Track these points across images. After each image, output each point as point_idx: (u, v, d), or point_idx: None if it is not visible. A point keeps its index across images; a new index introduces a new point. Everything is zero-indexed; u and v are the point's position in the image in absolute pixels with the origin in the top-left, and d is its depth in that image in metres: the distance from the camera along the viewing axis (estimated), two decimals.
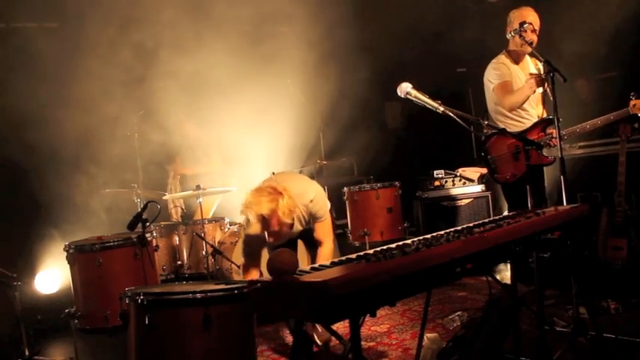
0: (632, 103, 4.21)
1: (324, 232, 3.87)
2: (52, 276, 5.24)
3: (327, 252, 3.87)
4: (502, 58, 4.77)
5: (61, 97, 5.33)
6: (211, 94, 5.83)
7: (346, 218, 6.18)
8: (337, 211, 6.96)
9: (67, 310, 3.69)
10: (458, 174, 6.42)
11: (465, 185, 6.33)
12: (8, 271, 4.19)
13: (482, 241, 2.31)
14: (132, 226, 3.62)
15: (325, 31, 6.54)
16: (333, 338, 3.79)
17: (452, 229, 2.57)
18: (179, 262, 5.36)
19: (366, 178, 7.24)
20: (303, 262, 4.33)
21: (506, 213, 4.25)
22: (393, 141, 7.87)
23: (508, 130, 4.28)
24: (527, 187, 3.26)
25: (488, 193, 6.22)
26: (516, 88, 4.61)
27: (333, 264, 2.10)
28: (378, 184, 6.01)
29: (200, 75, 5.67)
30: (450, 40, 6.74)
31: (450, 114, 2.63)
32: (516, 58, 4.76)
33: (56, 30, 5.84)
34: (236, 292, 2.44)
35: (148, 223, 3.56)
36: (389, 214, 5.83)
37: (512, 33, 4.44)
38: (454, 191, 6.31)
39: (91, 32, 5.47)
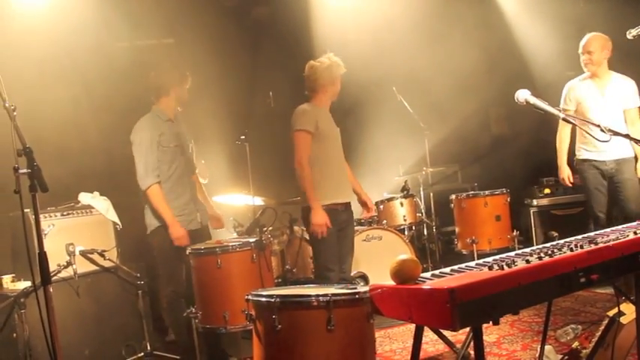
0: None
1: None
2: None
3: None
4: None
5: None
6: None
7: (454, 225, 6.10)
8: (443, 217, 6.91)
9: (189, 310, 3.88)
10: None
11: (578, 193, 6.07)
12: (132, 271, 4.52)
13: (607, 251, 2.24)
14: (250, 230, 3.79)
15: (430, 39, 6.56)
16: None
17: (572, 238, 2.52)
18: (287, 267, 5.51)
19: (470, 186, 7.13)
20: None
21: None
22: (497, 147, 7.70)
23: None
24: None
25: None
26: None
27: (453, 271, 2.13)
28: (487, 192, 5.82)
29: None
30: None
31: (572, 120, 2.58)
32: None
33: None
34: (357, 295, 2.50)
35: (265, 228, 3.71)
36: (497, 222, 5.65)
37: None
38: (566, 199, 6.08)
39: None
